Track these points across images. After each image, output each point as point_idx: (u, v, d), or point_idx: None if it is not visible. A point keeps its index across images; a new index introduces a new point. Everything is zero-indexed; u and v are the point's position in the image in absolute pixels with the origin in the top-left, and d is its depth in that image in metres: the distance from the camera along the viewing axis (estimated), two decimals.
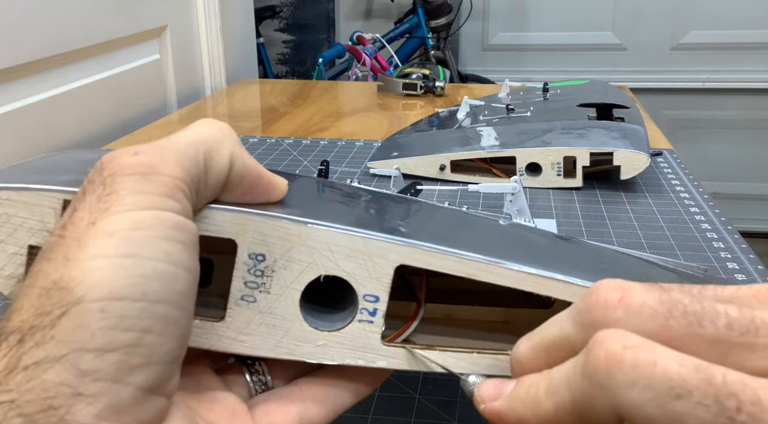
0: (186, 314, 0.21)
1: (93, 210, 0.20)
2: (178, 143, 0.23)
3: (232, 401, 0.25)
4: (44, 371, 0.18)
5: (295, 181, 0.27)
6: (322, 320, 0.26)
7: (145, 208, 0.21)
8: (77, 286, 0.19)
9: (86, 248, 0.20)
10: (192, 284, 0.22)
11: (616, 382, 0.18)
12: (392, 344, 0.26)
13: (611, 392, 0.18)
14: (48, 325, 0.19)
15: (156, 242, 0.20)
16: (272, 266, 0.25)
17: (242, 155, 0.25)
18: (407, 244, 0.25)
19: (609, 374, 0.18)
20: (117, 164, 0.21)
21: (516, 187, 0.57)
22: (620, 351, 0.18)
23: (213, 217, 0.24)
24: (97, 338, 0.19)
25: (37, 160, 0.30)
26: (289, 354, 0.26)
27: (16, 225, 0.24)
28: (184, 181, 0.22)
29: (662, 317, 0.19)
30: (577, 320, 0.21)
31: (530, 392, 0.21)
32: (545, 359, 0.22)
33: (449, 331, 0.31)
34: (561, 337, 0.21)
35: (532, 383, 0.21)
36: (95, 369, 0.19)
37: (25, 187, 0.24)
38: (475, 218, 0.35)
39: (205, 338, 0.25)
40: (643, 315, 0.19)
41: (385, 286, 0.26)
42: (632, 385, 0.18)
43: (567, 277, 0.26)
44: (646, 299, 0.19)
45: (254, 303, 0.25)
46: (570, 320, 0.21)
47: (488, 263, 0.26)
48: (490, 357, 0.26)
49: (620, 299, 0.19)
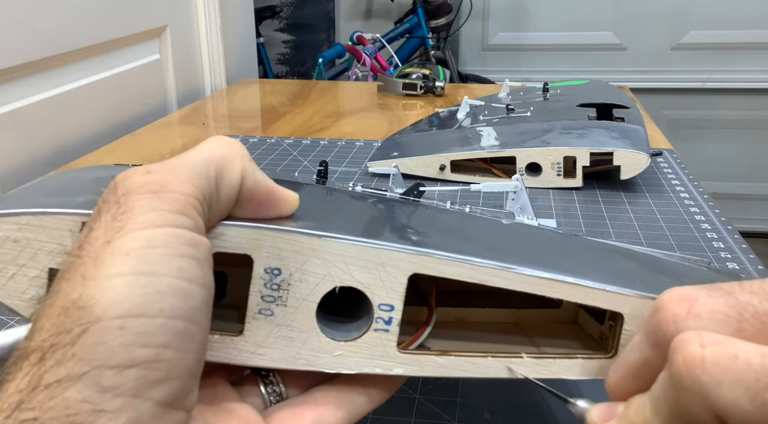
0: (202, 328, 0.22)
1: (108, 229, 0.21)
2: (190, 161, 0.23)
3: (248, 413, 0.25)
4: (66, 388, 0.19)
5: (302, 191, 0.27)
6: (339, 330, 0.27)
7: (158, 225, 0.21)
8: (96, 304, 0.19)
9: (103, 267, 0.20)
10: (207, 299, 0.22)
11: (702, 383, 0.18)
12: (408, 351, 0.27)
13: (702, 396, 0.18)
14: (68, 343, 0.19)
15: (170, 258, 0.21)
16: (288, 279, 0.26)
17: (253, 171, 0.25)
18: (420, 253, 0.26)
19: (693, 377, 0.18)
20: (130, 183, 0.22)
21: (518, 185, 0.57)
22: (699, 351, 0.18)
23: (228, 233, 0.25)
24: (117, 355, 0.19)
25: (48, 180, 0.30)
26: (307, 365, 0.26)
27: (36, 249, 0.25)
28: (196, 198, 0.22)
29: (734, 320, 0.19)
30: (652, 340, 0.21)
31: (638, 413, 0.21)
32: (637, 385, 0.22)
33: (461, 334, 0.31)
34: (643, 361, 0.22)
35: (639, 403, 0.22)
36: (116, 385, 0.19)
37: (44, 211, 0.25)
38: (480, 220, 0.35)
39: (225, 353, 0.26)
40: (714, 321, 0.19)
41: (400, 295, 0.26)
42: (719, 383, 0.18)
43: (577, 279, 0.26)
44: (714, 305, 0.19)
45: (272, 317, 0.26)
46: (646, 342, 0.21)
47: (500, 268, 0.26)
48: (504, 360, 0.27)
49: (688, 310, 0.20)
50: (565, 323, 0.33)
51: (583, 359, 0.27)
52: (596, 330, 0.31)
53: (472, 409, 0.39)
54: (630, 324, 0.27)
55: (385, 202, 0.35)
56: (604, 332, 0.30)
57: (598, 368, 0.27)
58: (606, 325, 0.30)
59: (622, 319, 0.27)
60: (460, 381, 0.41)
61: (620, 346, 0.27)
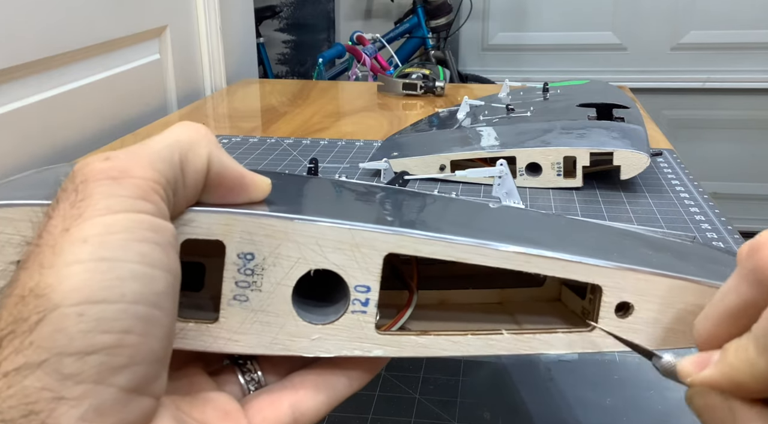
0: (167, 314, 0.21)
1: (66, 217, 0.21)
2: (152, 147, 0.23)
3: (225, 401, 0.25)
4: (24, 377, 0.19)
5: (280, 179, 0.27)
6: (316, 313, 0.27)
7: (118, 211, 0.21)
8: (53, 292, 0.19)
9: (61, 255, 0.20)
10: (172, 284, 0.22)
11: None
12: (387, 332, 0.27)
13: None
14: (26, 330, 0.19)
15: (131, 244, 0.20)
16: (262, 264, 0.25)
17: (220, 156, 0.25)
18: (394, 232, 0.26)
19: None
20: (89, 170, 0.21)
21: (503, 170, 0.57)
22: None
23: (199, 219, 0.25)
24: (76, 342, 0.19)
25: (24, 177, 0.30)
26: (285, 350, 0.26)
27: (2, 242, 0.24)
28: (158, 183, 0.22)
29: None
30: (752, 279, 0.21)
31: (740, 355, 0.21)
32: (733, 330, 0.22)
33: (445, 315, 0.31)
34: (742, 303, 0.21)
35: (739, 346, 0.21)
36: (77, 372, 0.19)
37: (9, 203, 0.24)
38: (464, 203, 0.35)
39: (200, 341, 0.25)
40: None
41: (376, 275, 0.26)
42: None
43: (555, 253, 0.26)
44: None
45: (247, 302, 0.25)
46: (745, 283, 0.21)
47: (476, 245, 0.26)
48: (484, 338, 0.27)
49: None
50: (549, 301, 0.33)
51: (563, 333, 0.27)
52: (578, 306, 0.31)
53: (472, 409, 0.39)
54: (609, 296, 0.27)
55: (365, 189, 0.34)
56: (586, 306, 0.30)
57: (579, 341, 0.27)
58: (587, 299, 0.30)
59: (601, 291, 0.27)
60: (460, 381, 0.41)
61: (600, 318, 0.27)
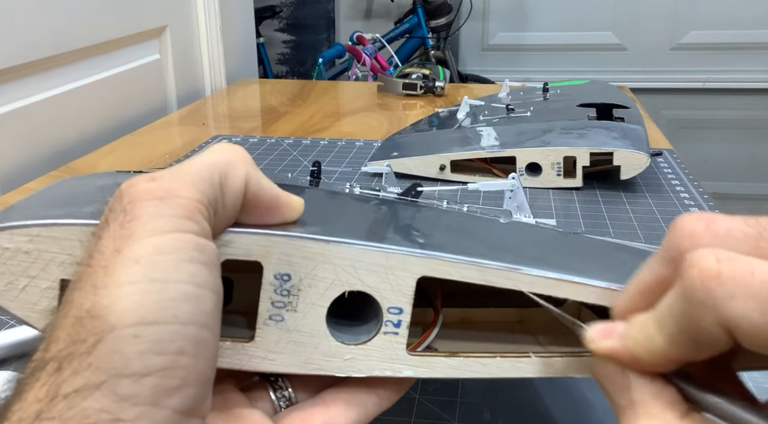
0: (214, 333, 0.22)
1: (117, 237, 0.21)
2: (193, 167, 0.23)
3: (258, 418, 0.25)
4: (84, 398, 0.19)
5: (304, 195, 0.27)
6: (348, 333, 0.27)
7: (166, 231, 0.21)
8: (109, 313, 0.19)
9: (114, 276, 0.20)
10: (217, 303, 0.22)
11: (716, 296, 0.18)
12: (417, 353, 0.27)
13: (714, 308, 0.18)
14: (84, 352, 0.19)
15: (181, 264, 0.21)
16: (298, 285, 0.26)
17: (257, 177, 0.25)
18: (427, 256, 0.26)
19: (707, 290, 0.18)
20: (135, 191, 0.22)
21: (515, 183, 0.57)
22: (714, 266, 0.18)
23: (238, 241, 0.25)
24: (133, 363, 0.19)
25: (53, 189, 0.30)
26: (318, 370, 0.26)
27: (47, 260, 0.25)
28: (201, 203, 0.22)
29: (753, 239, 0.19)
30: (666, 256, 0.21)
31: (641, 331, 0.21)
32: (644, 302, 0.22)
33: (467, 335, 0.31)
34: (654, 278, 0.22)
35: (642, 321, 0.22)
36: (133, 394, 0.19)
37: (54, 222, 0.25)
38: (480, 220, 0.35)
39: (236, 359, 0.26)
40: (732, 238, 0.19)
41: (408, 297, 0.26)
42: (732, 296, 0.18)
43: (585, 279, 0.26)
44: (732, 223, 0.19)
45: (282, 322, 0.26)
46: (660, 259, 0.21)
47: (507, 270, 0.26)
48: (512, 360, 0.27)
49: (706, 227, 0.20)
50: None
51: (590, 358, 0.27)
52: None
53: (472, 409, 0.39)
54: None
55: (387, 204, 0.35)
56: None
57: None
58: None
59: None
60: (460, 381, 0.41)
61: None
